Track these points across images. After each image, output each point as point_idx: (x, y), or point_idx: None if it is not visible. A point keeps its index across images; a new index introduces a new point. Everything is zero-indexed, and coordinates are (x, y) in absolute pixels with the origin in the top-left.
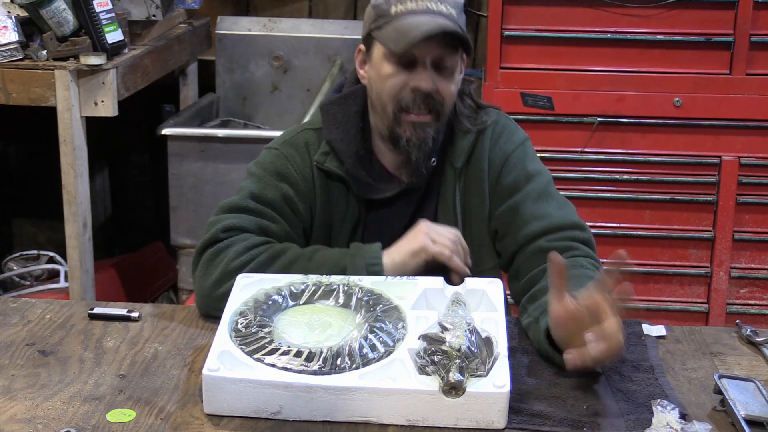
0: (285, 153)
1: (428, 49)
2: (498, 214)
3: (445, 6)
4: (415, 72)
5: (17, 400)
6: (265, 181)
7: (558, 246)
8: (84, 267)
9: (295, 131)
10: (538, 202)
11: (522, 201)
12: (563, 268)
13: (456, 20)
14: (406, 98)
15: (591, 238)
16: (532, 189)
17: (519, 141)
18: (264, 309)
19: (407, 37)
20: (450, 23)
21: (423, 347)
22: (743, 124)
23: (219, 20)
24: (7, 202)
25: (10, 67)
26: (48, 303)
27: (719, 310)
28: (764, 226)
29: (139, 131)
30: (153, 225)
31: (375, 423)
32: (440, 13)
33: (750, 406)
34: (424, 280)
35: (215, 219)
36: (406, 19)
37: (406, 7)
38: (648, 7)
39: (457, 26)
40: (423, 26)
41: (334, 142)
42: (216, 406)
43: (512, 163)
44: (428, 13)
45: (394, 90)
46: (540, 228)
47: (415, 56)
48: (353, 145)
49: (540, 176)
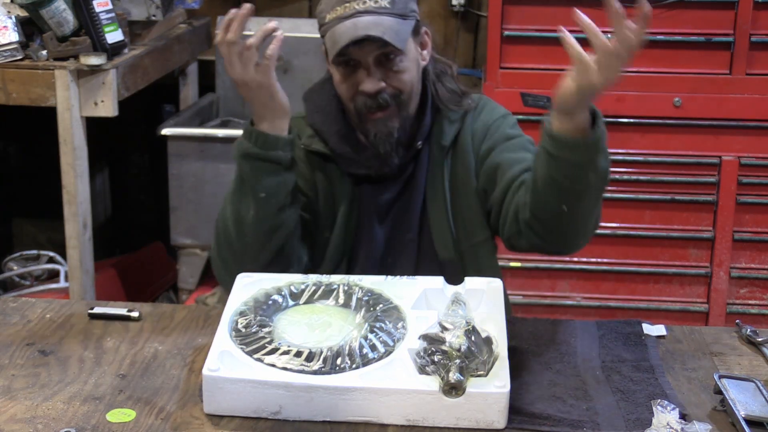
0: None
1: (363, 50)
2: (482, 173)
3: (374, 0)
4: (360, 74)
5: (17, 400)
6: None
7: None
8: (84, 267)
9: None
10: (517, 151)
11: (501, 152)
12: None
13: (390, 9)
14: (359, 102)
15: None
16: (511, 144)
17: (499, 114)
18: (264, 309)
19: (335, 46)
20: (375, 19)
21: (423, 347)
22: (743, 124)
23: (219, 20)
24: (7, 202)
25: (10, 67)
26: (48, 303)
27: (719, 310)
28: (764, 226)
29: (139, 131)
30: (153, 225)
31: (375, 423)
32: (367, 11)
33: (750, 406)
34: (424, 279)
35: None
36: (335, 26)
37: (336, 13)
38: None
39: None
40: (344, 35)
41: (317, 124)
42: (216, 406)
43: (492, 130)
44: (354, 16)
45: (347, 95)
46: (520, 169)
47: (356, 59)
48: (335, 124)
49: (519, 138)
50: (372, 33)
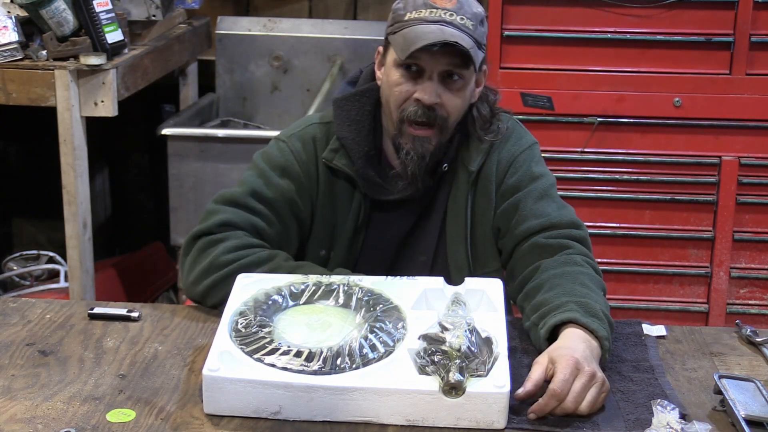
0: (292, 147)
1: (435, 60)
2: (500, 212)
3: (460, 17)
4: (421, 83)
5: (17, 400)
6: (268, 176)
7: (554, 243)
8: (84, 267)
9: (304, 124)
10: (539, 201)
11: (523, 198)
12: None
13: (472, 33)
14: (409, 109)
15: (587, 238)
16: (534, 188)
17: (527, 144)
18: (264, 309)
19: (411, 45)
20: (460, 35)
21: (423, 347)
22: (743, 124)
23: (219, 20)
24: (7, 202)
25: (10, 67)
26: (48, 303)
27: (719, 310)
28: (764, 226)
29: (139, 131)
30: (153, 225)
31: (375, 423)
32: (453, 23)
33: (750, 406)
34: (424, 280)
35: (213, 209)
36: (416, 26)
37: (419, 14)
38: (648, 7)
39: (468, 39)
40: (427, 36)
41: (346, 140)
42: (216, 406)
43: (518, 164)
44: (440, 23)
45: (399, 99)
46: (537, 225)
47: (423, 67)
48: (364, 144)
49: (543, 178)
50: (461, 43)
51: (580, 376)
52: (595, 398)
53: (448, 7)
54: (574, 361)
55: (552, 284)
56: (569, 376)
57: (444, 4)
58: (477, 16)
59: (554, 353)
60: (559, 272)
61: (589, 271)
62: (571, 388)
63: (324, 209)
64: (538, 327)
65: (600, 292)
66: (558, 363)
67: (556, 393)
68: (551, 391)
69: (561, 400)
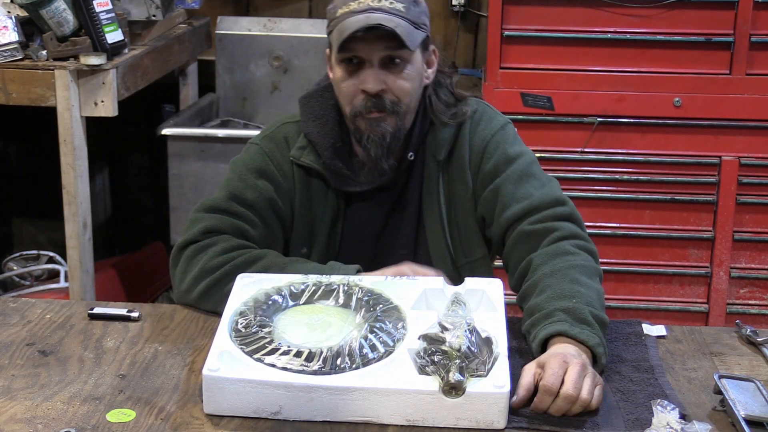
0: (265, 149)
1: (371, 48)
2: (482, 200)
3: (389, 2)
4: (363, 73)
5: (17, 400)
6: (246, 179)
7: (539, 229)
8: (84, 267)
9: (276, 125)
10: (519, 183)
11: (502, 184)
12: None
13: (404, 14)
14: (358, 104)
15: (574, 212)
16: (513, 171)
17: (498, 126)
18: (264, 309)
19: (341, 37)
20: (388, 17)
21: (423, 347)
22: (743, 124)
23: (219, 20)
24: (7, 202)
25: (10, 67)
26: (48, 303)
27: (719, 310)
28: (764, 226)
29: (139, 131)
30: (153, 225)
31: (375, 423)
32: (381, 9)
33: (750, 406)
34: (424, 280)
35: (196, 217)
36: (345, 19)
37: (348, 8)
38: (648, 7)
39: (398, 20)
40: (354, 25)
41: (311, 135)
42: (216, 406)
43: (492, 148)
44: (368, 11)
45: (348, 95)
46: (520, 210)
47: (361, 57)
48: (330, 137)
49: (521, 158)
50: (385, 24)
51: (572, 366)
52: (592, 386)
53: None
54: (562, 357)
55: (543, 285)
56: (558, 369)
57: None
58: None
59: (542, 359)
60: (548, 270)
61: (579, 259)
62: (566, 377)
63: (302, 207)
64: (530, 337)
65: (592, 283)
66: (546, 363)
67: (547, 387)
68: (543, 387)
69: (553, 393)
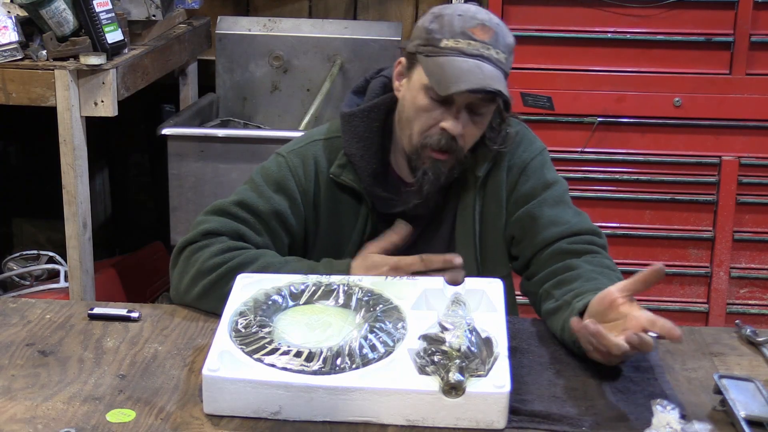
0: (290, 163)
1: (467, 95)
2: (514, 220)
3: (496, 51)
4: (448, 111)
5: (17, 400)
6: (262, 191)
7: (578, 249)
8: (84, 267)
9: (307, 140)
10: (555, 208)
11: (539, 206)
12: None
13: (503, 66)
14: (432, 137)
15: (607, 245)
16: (549, 196)
17: (537, 150)
18: (264, 309)
19: (450, 85)
20: (497, 73)
21: (423, 347)
22: (743, 124)
23: (219, 20)
24: (7, 202)
25: (10, 67)
26: (48, 303)
27: (719, 310)
28: (764, 226)
29: (139, 131)
30: (153, 225)
31: (375, 423)
32: (489, 59)
33: (750, 406)
34: (424, 280)
35: (200, 219)
36: (454, 59)
37: (457, 44)
38: (648, 7)
39: (502, 77)
40: (467, 76)
41: (354, 157)
42: (216, 406)
43: (530, 172)
44: (478, 57)
45: (424, 126)
46: (558, 232)
47: (453, 98)
48: (373, 161)
49: (557, 184)
50: (499, 89)
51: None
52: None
53: (485, 40)
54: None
55: (589, 277)
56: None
57: (482, 37)
58: (509, 47)
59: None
60: (597, 270)
61: (621, 276)
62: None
63: (328, 224)
64: (572, 303)
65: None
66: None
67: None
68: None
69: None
